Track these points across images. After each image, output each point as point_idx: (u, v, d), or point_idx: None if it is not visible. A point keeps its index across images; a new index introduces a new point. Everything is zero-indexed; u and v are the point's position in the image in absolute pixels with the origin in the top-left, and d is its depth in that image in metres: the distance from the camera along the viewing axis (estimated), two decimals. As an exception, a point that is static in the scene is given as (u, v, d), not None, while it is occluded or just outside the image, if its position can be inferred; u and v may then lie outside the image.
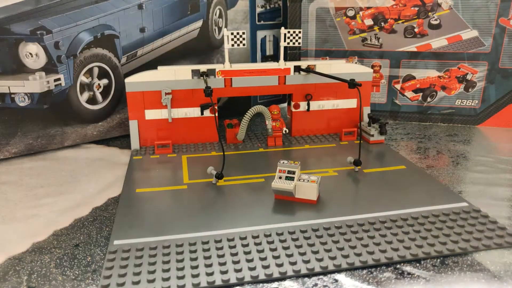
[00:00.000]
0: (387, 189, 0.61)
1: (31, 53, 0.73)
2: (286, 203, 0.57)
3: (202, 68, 0.77)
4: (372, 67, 0.93)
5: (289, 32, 0.78)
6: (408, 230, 0.50)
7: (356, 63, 0.94)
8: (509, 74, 0.88)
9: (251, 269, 0.44)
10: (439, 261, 0.46)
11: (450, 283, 0.42)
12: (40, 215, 0.56)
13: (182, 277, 0.43)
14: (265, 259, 0.45)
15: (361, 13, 0.91)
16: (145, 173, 0.67)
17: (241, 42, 0.76)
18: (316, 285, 0.42)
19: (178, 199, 0.59)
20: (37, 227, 0.53)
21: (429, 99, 0.93)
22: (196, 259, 0.45)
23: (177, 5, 0.87)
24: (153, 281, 0.42)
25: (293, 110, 0.83)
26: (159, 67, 0.76)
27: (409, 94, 0.94)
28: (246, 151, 0.76)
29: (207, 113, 0.79)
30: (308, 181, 0.57)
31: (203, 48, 0.93)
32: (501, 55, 0.87)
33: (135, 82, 0.75)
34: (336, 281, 0.43)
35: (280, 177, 0.58)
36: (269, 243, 0.48)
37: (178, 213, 0.55)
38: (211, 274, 0.43)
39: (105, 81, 0.83)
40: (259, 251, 0.46)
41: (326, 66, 0.81)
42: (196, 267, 0.44)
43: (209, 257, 0.46)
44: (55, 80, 0.76)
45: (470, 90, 0.91)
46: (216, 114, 0.70)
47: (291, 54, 0.96)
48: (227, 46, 0.76)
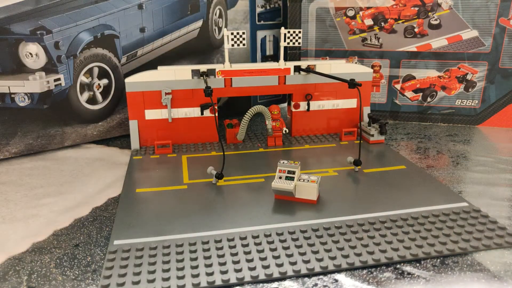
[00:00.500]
0: (387, 189, 0.61)
1: (31, 53, 0.73)
2: (286, 203, 0.57)
3: (202, 68, 0.77)
4: (372, 67, 0.93)
5: (289, 32, 0.78)
6: (408, 230, 0.50)
7: (356, 63, 0.94)
8: (509, 74, 0.88)
9: (251, 269, 0.44)
10: (439, 261, 0.46)
11: (450, 283, 0.42)
12: (40, 215, 0.56)
13: (182, 277, 0.43)
14: (265, 259, 0.45)
15: (361, 13, 0.91)
16: (145, 173, 0.67)
17: (241, 42, 0.76)
18: (316, 285, 0.42)
19: (178, 199, 0.59)
20: (37, 227, 0.53)
21: (429, 99, 0.93)
22: (196, 259, 0.45)
23: (177, 5, 0.87)
24: (153, 281, 0.42)
25: (293, 110, 0.83)
26: (159, 67, 0.76)
27: (409, 94, 0.94)
28: (246, 151, 0.76)
29: (207, 113, 0.79)
30: (308, 181, 0.57)
31: (203, 48, 0.93)
32: (501, 55, 0.87)
33: (135, 82, 0.75)
34: (336, 281, 0.43)
35: (280, 177, 0.58)
36: (269, 243, 0.48)
37: (178, 213, 0.55)
38: (211, 274, 0.43)
39: (105, 81, 0.83)
40: (259, 251, 0.46)
41: (326, 66, 0.81)
42: (196, 267, 0.44)
43: (209, 257, 0.46)
44: (55, 80, 0.76)
45: (470, 90, 0.91)
46: (216, 114, 0.70)
47: (291, 54, 0.96)
48: (227, 46, 0.76)
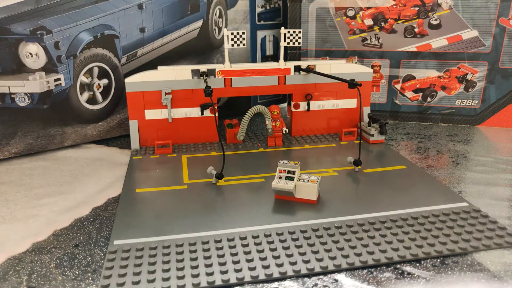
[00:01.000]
0: (387, 189, 0.61)
1: (31, 53, 0.73)
2: (286, 203, 0.57)
3: (202, 68, 0.77)
4: (372, 67, 0.93)
5: (289, 32, 0.78)
6: (408, 230, 0.50)
7: (356, 63, 0.94)
8: (509, 74, 0.88)
9: (251, 269, 0.44)
10: (439, 261, 0.46)
11: (450, 283, 0.42)
12: (40, 215, 0.56)
13: (182, 277, 0.43)
14: (265, 259, 0.45)
15: (361, 13, 0.91)
16: (145, 173, 0.67)
17: (241, 42, 0.76)
18: (316, 285, 0.42)
19: (178, 199, 0.59)
20: (37, 227, 0.53)
21: (429, 99, 0.93)
22: (196, 259, 0.45)
23: (177, 5, 0.87)
24: (153, 281, 0.42)
25: (293, 110, 0.83)
26: (159, 67, 0.76)
27: (409, 94, 0.94)
28: (246, 151, 0.76)
29: (207, 113, 0.79)
30: (308, 181, 0.57)
31: (203, 48, 0.93)
32: (501, 55, 0.87)
33: (135, 82, 0.75)
34: (336, 281, 0.43)
35: (280, 177, 0.58)
36: (269, 243, 0.48)
37: (178, 213, 0.55)
38: (211, 274, 0.43)
39: (105, 81, 0.83)
40: (259, 251, 0.46)
41: (326, 66, 0.81)
42: (196, 267, 0.44)
43: (209, 257, 0.46)
44: (55, 80, 0.76)
45: (470, 90, 0.91)
46: (216, 114, 0.70)
47: (291, 54, 0.96)
48: (227, 46, 0.76)
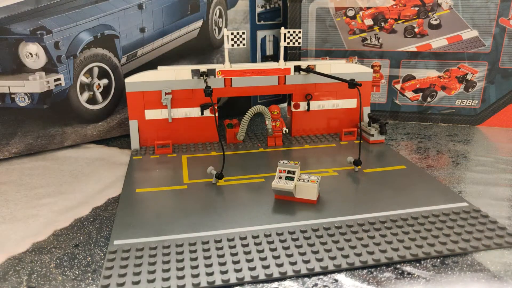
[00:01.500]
0: (387, 189, 0.61)
1: (31, 53, 0.73)
2: (286, 203, 0.57)
3: (202, 68, 0.77)
4: (372, 67, 0.93)
5: (289, 32, 0.78)
6: (408, 230, 0.50)
7: (356, 63, 0.94)
8: (509, 74, 0.88)
9: (251, 269, 0.44)
10: (439, 261, 0.46)
11: (450, 283, 0.42)
12: (40, 215, 0.56)
13: (182, 277, 0.43)
14: (265, 259, 0.45)
15: (361, 13, 0.91)
16: (145, 173, 0.67)
17: (241, 42, 0.76)
18: (316, 285, 0.42)
19: (178, 199, 0.59)
20: (37, 227, 0.53)
21: (429, 99, 0.93)
22: (196, 259, 0.45)
23: (177, 5, 0.87)
24: (153, 281, 0.42)
25: (293, 110, 0.83)
26: (159, 67, 0.76)
27: (409, 94, 0.94)
28: (246, 151, 0.76)
29: (207, 113, 0.79)
30: (308, 181, 0.57)
31: (203, 48, 0.93)
32: (501, 55, 0.87)
33: (135, 82, 0.75)
34: (336, 281, 0.43)
35: (280, 177, 0.58)
36: (269, 243, 0.48)
37: (178, 213, 0.55)
38: (211, 274, 0.43)
39: (105, 81, 0.83)
40: (259, 251, 0.46)
41: (326, 66, 0.81)
42: (196, 267, 0.44)
43: (209, 257, 0.46)
44: (55, 80, 0.76)
45: (470, 90, 0.91)
46: (216, 114, 0.70)
47: (291, 54, 0.96)
48: (227, 46, 0.76)
